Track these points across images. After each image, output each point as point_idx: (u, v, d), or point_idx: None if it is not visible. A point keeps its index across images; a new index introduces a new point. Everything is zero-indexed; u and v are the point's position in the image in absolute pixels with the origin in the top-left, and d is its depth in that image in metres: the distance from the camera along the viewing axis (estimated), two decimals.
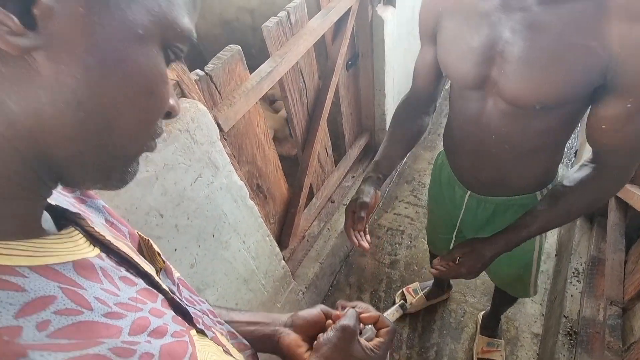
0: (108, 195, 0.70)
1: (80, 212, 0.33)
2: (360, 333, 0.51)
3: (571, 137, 0.85)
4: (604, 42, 0.60)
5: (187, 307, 0.38)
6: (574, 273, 1.53)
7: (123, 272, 0.31)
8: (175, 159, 0.81)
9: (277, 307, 1.45)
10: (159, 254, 0.41)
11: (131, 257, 0.33)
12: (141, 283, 0.33)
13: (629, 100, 0.62)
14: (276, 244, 1.33)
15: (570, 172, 0.79)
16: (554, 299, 1.61)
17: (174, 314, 0.34)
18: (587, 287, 1.42)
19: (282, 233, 1.56)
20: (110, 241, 0.33)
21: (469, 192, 1.01)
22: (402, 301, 0.57)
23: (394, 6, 1.61)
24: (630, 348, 1.08)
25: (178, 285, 0.42)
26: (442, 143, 1.06)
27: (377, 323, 0.52)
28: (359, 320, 0.51)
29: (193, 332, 0.35)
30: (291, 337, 0.52)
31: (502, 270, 1.14)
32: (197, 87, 0.88)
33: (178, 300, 0.37)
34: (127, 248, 0.35)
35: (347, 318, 0.49)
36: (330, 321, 0.53)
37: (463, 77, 0.77)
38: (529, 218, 0.80)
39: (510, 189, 0.93)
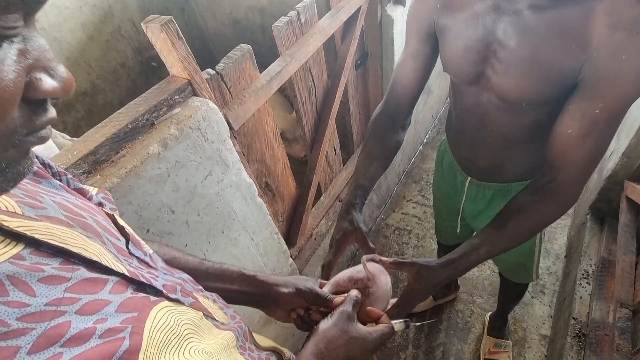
0: (122, 192, 0.72)
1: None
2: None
3: None
4: (583, 44, 0.62)
5: (155, 279, 0.38)
6: (583, 275, 1.51)
7: (49, 269, 0.28)
8: (186, 156, 0.82)
9: None
10: (123, 228, 0.42)
11: (67, 247, 0.30)
12: (80, 274, 0.30)
13: (598, 105, 0.63)
14: (284, 242, 1.34)
15: (520, 193, 0.76)
16: (563, 301, 1.60)
17: (129, 295, 0.33)
18: (596, 289, 1.41)
19: (290, 231, 1.57)
20: (34, 236, 0.29)
21: (469, 178, 1.04)
22: (408, 319, 0.62)
23: (404, 5, 1.61)
24: None
25: (151, 257, 0.43)
26: None
27: (381, 319, 0.59)
28: (358, 308, 0.57)
29: (161, 305, 0.35)
30: (275, 313, 0.65)
31: (506, 258, 1.19)
32: (208, 86, 0.89)
33: (140, 276, 0.36)
34: (72, 233, 0.32)
35: (346, 303, 0.56)
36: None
37: (461, 74, 0.81)
38: (478, 242, 0.75)
39: (507, 176, 0.96)
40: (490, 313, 1.65)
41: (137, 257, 0.40)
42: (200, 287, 0.50)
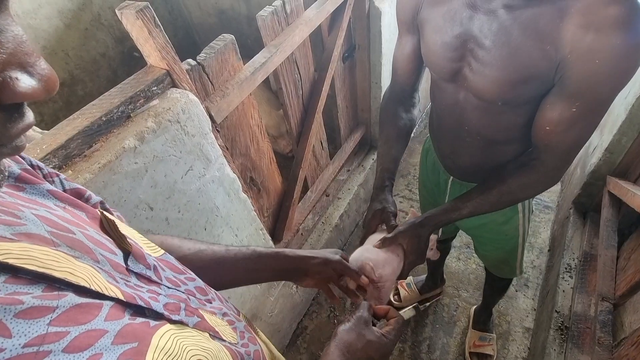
0: (95, 188, 0.68)
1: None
2: (375, 325, 0.61)
3: None
4: (557, 45, 0.62)
5: (156, 299, 0.34)
6: (566, 268, 1.53)
7: (29, 299, 0.24)
8: (165, 150, 0.79)
9: (270, 301, 1.45)
10: (124, 237, 0.37)
11: (50, 272, 0.26)
12: (68, 300, 0.26)
13: (575, 104, 0.64)
14: (270, 238, 1.32)
15: (510, 164, 0.82)
16: (546, 294, 1.62)
17: (126, 321, 0.29)
18: (579, 282, 1.43)
19: (276, 227, 1.55)
20: (8, 261, 0.24)
21: (451, 177, 1.04)
22: (415, 303, 0.78)
23: None
24: (621, 344, 1.09)
25: (155, 268, 0.38)
26: None
27: (387, 314, 0.62)
28: (372, 311, 0.61)
29: (163, 329, 0.31)
30: (305, 282, 0.68)
31: (490, 254, 1.22)
32: (188, 77, 0.86)
33: (138, 298, 0.32)
34: (56, 254, 0.28)
35: (361, 309, 0.59)
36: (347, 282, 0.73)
37: (439, 69, 0.80)
38: (460, 202, 0.82)
39: (488, 175, 0.95)
40: (475, 307, 1.67)
41: (137, 273, 0.35)
42: (210, 296, 0.46)
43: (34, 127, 0.90)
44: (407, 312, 0.68)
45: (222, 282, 0.55)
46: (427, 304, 0.80)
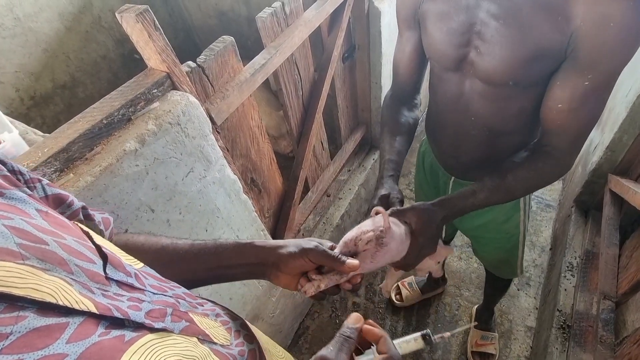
0: (97, 190, 0.69)
1: None
2: (361, 352, 0.47)
3: None
4: (569, 15, 0.61)
5: (138, 307, 0.33)
6: (568, 267, 1.53)
7: None
8: (165, 152, 0.79)
9: (272, 301, 1.45)
10: (100, 247, 0.35)
11: (9, 290, 0.25)
12: (26, 324, 0.24)
13: (588, 77, 0.64)
14: (271, 238, 1.32)
15: (520, 153, 0.81)
16: (548, 293, 1.62)
17: (95, 339, 0.27)
18: (581, 281, 1.43)
19: (277, 227, 1.55)
20: None
21: (452, 177, 1.03)
22: (427, 330, 0.51)
23: None
24: (623, 342, 1.09)
25: (137, 276, 0.37)
26: None
27: (378, 344, 0.46)
28: (353, 339, 0.45)
29: (140, 342, 0.30)
30: (280, 279, 0.57)
31: (490, 255, 1.21)
32: (188, 79, 0.86)
33: (115, 309, 0.30)
34: (21, 269, 0.26)
35: (329, 346, 0.44)
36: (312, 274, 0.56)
37: (444, 58, 0.80)
38: (477, 187, 0.78)
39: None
40: (477, 306, 1.67)
41: (117, 280, 0.34)
42: (201, 300, 0.44)
43: (35, 131, 0.90)
44: (412, 344, 0.51)
45: (184, 281, 0.47)
46: (440, 335, 0.55)
